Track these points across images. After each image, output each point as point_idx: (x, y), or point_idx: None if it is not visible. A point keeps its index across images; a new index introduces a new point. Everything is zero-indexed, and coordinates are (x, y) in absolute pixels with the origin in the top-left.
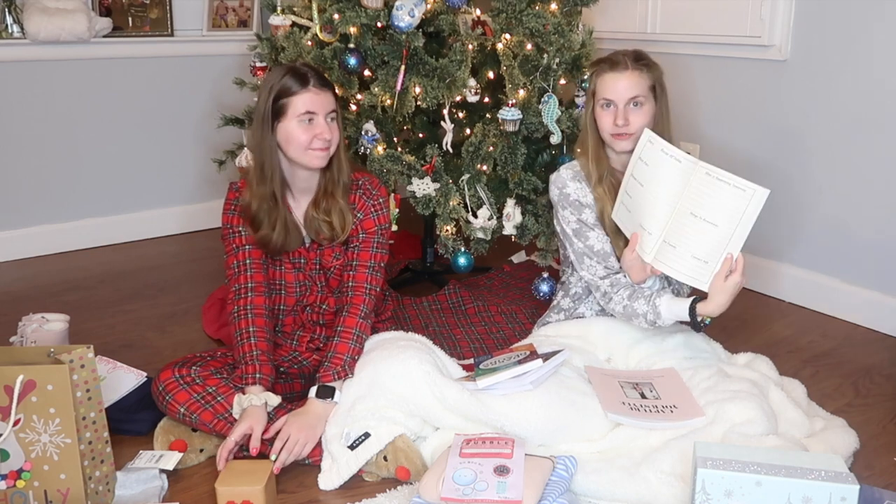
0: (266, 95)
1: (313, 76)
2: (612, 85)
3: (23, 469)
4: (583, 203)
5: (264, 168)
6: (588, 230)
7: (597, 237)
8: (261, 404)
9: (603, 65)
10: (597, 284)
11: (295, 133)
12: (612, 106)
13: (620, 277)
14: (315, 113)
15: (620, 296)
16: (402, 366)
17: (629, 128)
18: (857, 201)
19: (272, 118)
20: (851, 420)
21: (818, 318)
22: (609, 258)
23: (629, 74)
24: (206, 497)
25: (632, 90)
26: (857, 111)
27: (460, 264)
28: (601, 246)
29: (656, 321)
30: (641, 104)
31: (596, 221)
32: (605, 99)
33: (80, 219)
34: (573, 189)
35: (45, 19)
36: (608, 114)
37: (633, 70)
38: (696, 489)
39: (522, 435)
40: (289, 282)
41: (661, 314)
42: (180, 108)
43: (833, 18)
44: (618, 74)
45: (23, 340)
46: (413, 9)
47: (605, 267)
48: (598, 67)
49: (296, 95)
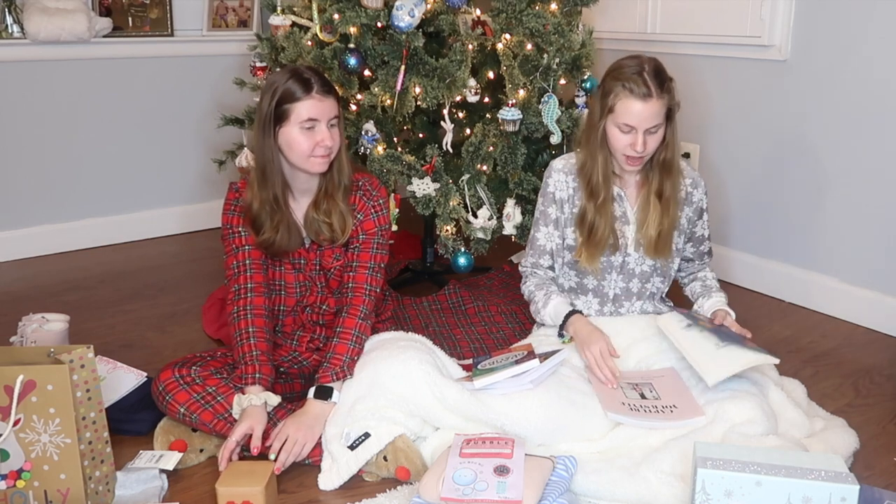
0: (269, 99)
1: (317, 82)
2: (637, 113)
3: (23, 469)
4: (555, 198)
5: (266, 171)
6: (543, 224)
7: (547, 234)
8: (260, 404)
9: (628, 85)
10: (524, 267)
11: (297, 140)
12: (632, 132)
13: (540, 272)
14: (317, 120)
15: (533, 281)
16: (403, 366)
17: (646, 152)
18: (856, 201)
19: (274, 123)
20: (851, 420)
21: (818, 318)
22: (544, 255)
23: (653, 103)
24: (206, 497)
25: (654, 119)
26: (856, 111)
27: (460, 264)
28: (545, 242)
29: (539, 314)
30: (658, 128)
31: (558, 219)
32: (625, 124)
33: (80, 219)
34: (555, 181)
35: (45, 19)
36: (626, 137)
37: (657, 99)
38: (696, 489)
39: (522, 434)
40: (289, 282)
41: (548, 308)
42: (180, 108)
43: (833, 18)
44: (643, 104)
45: (23, 340)
46: (413, 9)
47: (537, 262)
48: (620, 87)
49: (299, 102)
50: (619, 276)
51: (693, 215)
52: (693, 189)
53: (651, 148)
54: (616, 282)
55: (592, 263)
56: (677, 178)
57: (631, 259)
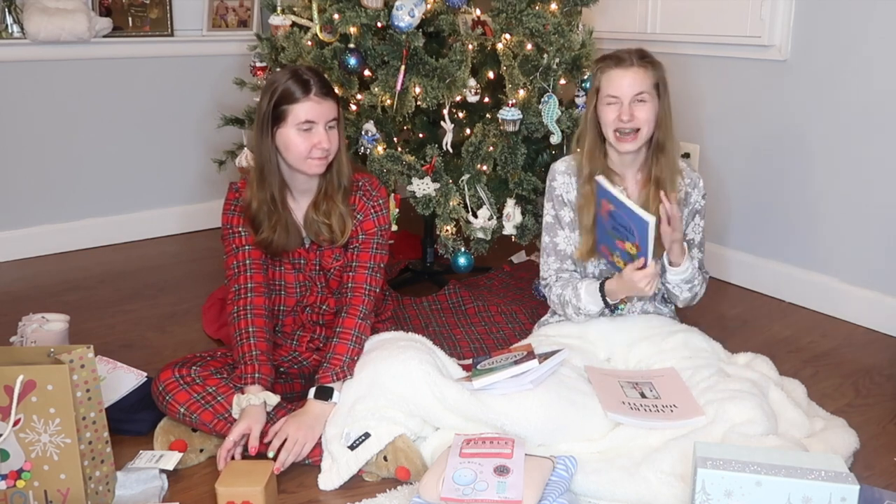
0: (267, 99)
1: (316, 84)
2: (618, 81)
3: (23, 469)
4: (564, 199)
5: (264, 171)
6: (559, 228)
7: (565, 238)
8: (259, 403)
9: (608, 61)
10: (545, 277)
11: (294, 141)
12: (617, 102)
13: (565, 275)
14: (315, 122)
15: (558, 286)
16: (403, 366)
17: (634, 122)
18: (857, 201)
19: (272, 123)
20: (851, 420)
21: (818, 318)
22: (567, 260)
23: (634, 71)
24: (206, 497)
25: (637, 86)
26: (856, 111)
27: (460, 264)
28: (565, 246)
29: (580, 307)
30: (646, 101)
31: (571, 220)
32: (610, 96)
33: (80, 219)
34: (560, 183)
35: (45, 19)
36: (612, 110)
37: (639, 67)
38: (696, 489)
39: (522, 434)
40: (289, 282)
41: (581, 297)
42: (180, 108)
43: (833, 18)
44: (623, 71)
45: (23, 340)
46: (413, 9)
47: (561, 267)
48: (602, 64)
49: (297, 103)
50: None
51: (688, 217)
52: (691, 189)
53: (641, 119)
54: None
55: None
56: (673, 159)
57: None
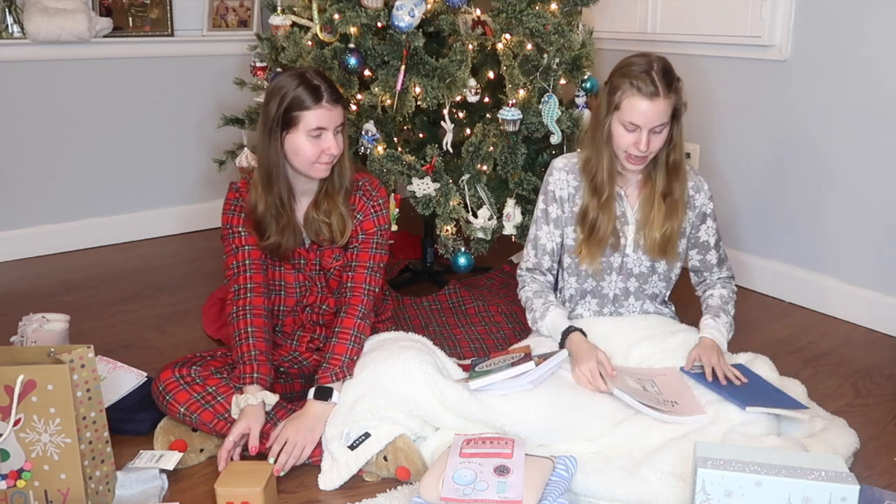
0: (277, 104)
1: (326, 90)
2: (642, 111)
3: (23, 469)
4: (556, 196)
5: (271, 175)
6: (545, 223)
7: (548, 233)
8: (258, 403)
9: (636, 84)
10: (520, 269)
11: (304, 148)
12: (637, 130)
13: (540, 278)
14: (325, 129)
15: (531, 287)
16: (403, 366)
17: (649, 152)
18: (857, 201)
19: (281, 128)
20: (851, 420)
21: (818, 318)
22: (545, 256)
23: (660, 103)
24: (206, 497)
25: (659, 118)
26: (857, 111)
27: (460, 264)
28: (546, 241)
29: (538, 325)
30: (663, 128)
31: (558, 217)
32: (631, 123)
33: (80, 219)
34: (556, 179)
35: (45, 19)
36: (631, 136)
37: (664, 99)
38: (696, 489)
39: (522, 435)
40: (288, 282)
41: (546, 319)
42: (180, 108)
43: (833, 18)
44: (650, 103)
45: (23, 340)
46: (413, 9)
47: (539, 262)
48: (627, 84)
49: (308, 111)
50: (618, 277)
51: (696, 220)
52: (695, 193)
53: (654, 147)
54: (615, 282)
55: (593, 262)
56: (685, 179)
57: (629, 259)
